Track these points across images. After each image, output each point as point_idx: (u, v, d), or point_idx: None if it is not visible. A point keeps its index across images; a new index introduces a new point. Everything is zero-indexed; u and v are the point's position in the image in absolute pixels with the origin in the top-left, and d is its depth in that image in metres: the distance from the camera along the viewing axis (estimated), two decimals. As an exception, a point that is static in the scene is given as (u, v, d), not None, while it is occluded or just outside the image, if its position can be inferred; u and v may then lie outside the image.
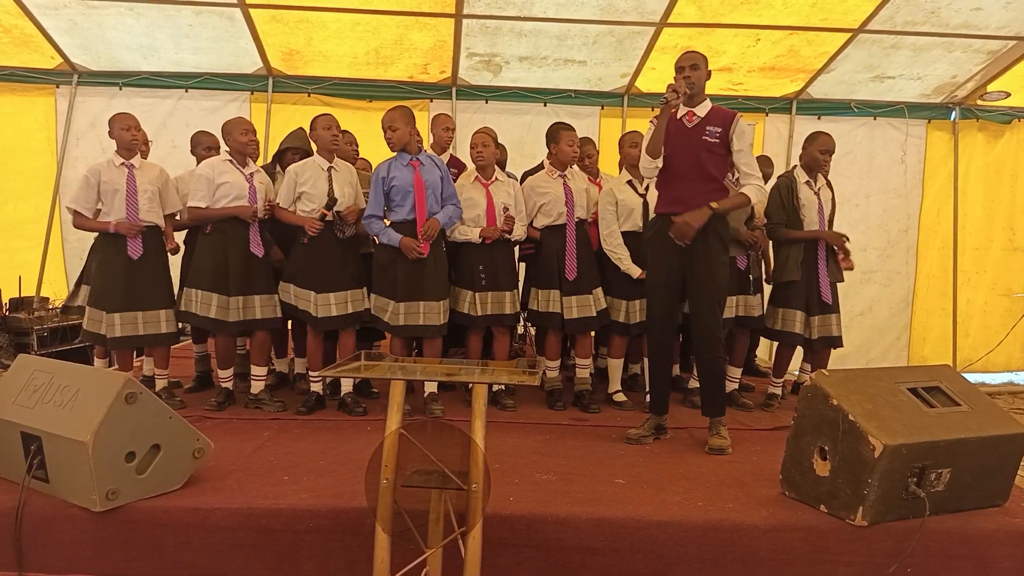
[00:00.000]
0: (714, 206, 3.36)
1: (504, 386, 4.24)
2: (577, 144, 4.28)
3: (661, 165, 3.48)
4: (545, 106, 7.24)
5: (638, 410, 4.15)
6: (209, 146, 4.49)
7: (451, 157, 4.77)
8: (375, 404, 4.14)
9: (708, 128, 3.42)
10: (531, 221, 4.30)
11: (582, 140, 4.44)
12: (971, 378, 3.12)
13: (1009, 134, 7.49)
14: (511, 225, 4.13)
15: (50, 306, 6.42)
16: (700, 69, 3.43)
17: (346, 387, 4.12)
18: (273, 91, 7.04)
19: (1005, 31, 6.29)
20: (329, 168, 4.02)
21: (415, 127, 4.06)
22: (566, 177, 4.25)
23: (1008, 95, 7.17)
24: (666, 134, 3.44)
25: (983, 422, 2.67)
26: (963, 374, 3.10)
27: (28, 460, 2.61)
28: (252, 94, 7.05)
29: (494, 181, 4.20)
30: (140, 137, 4.02)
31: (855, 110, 7.34)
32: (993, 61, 6.72)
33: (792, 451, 2.78)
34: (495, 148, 4.29)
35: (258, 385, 4.11)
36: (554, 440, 3.61)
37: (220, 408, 4.02)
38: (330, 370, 2.54)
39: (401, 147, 3.96)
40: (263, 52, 6.70)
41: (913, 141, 7.42)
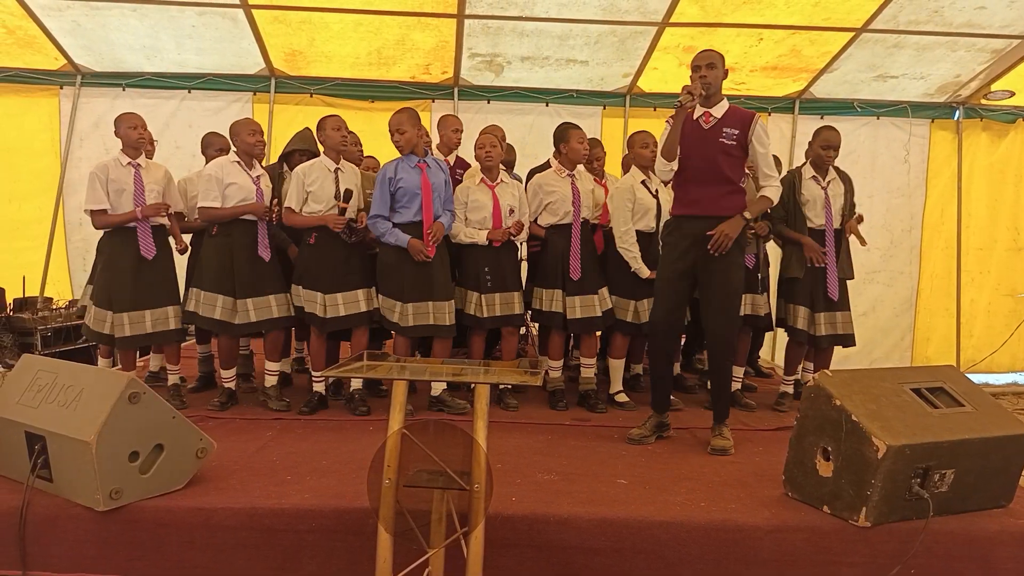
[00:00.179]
0: (747, 215, 3.37)
1: (510, 386, 4.23)
2: (587, 143, 4.27)
3: (676, 168, 3.43)
4: (547, 106, 7.23)
5: (640, 410, 4.14)
6: (220, 147, 4.51)
7: (456, 157, 4.76)
8: (379, 403, 4.13)
9: (725, 130, 3.37)
10: (536, 218, 4.29)
11: (590, 141, 4.42)
12: (975, 379, 3.11)
13: (1013, 133, 7.46)
14: (519, 229, 4.12)
15: (54, 306, 6.43)
16: (717, 68, 3.37)
17: (356, 383, 4.12)
18: (275, 92, 7.04)
19: (1009, 30, 6.26)
20: (336, 169, 4.02)
21: (422, 128, 4.06)
22: (574, 177, 4.24)
23: (1012, 94, 7.14)
24: (682, 135, 3.38)
25: (987, 423, 2.67)
26: (967, 374, 3.09)
27: (32, 460, 2.62)
28: (255, 95, 7.06)
29: (499, 183, 4.19)
30: (147, 136, 4.05)
31: (858, 110, 7.32)
32: (997, 60, 6.70)
33: (795, 452, 2.77)
34: (502, 148, 4.28)
35: (270, 379, 4.12)
36: (556, 440, 3.61)
37: (223, 408, 4.03)
38: (332, 370, 2.54)
39: (410, 150, 3.95)
40: (266, 53, 6.71)
41: (916, 141, 7.40)
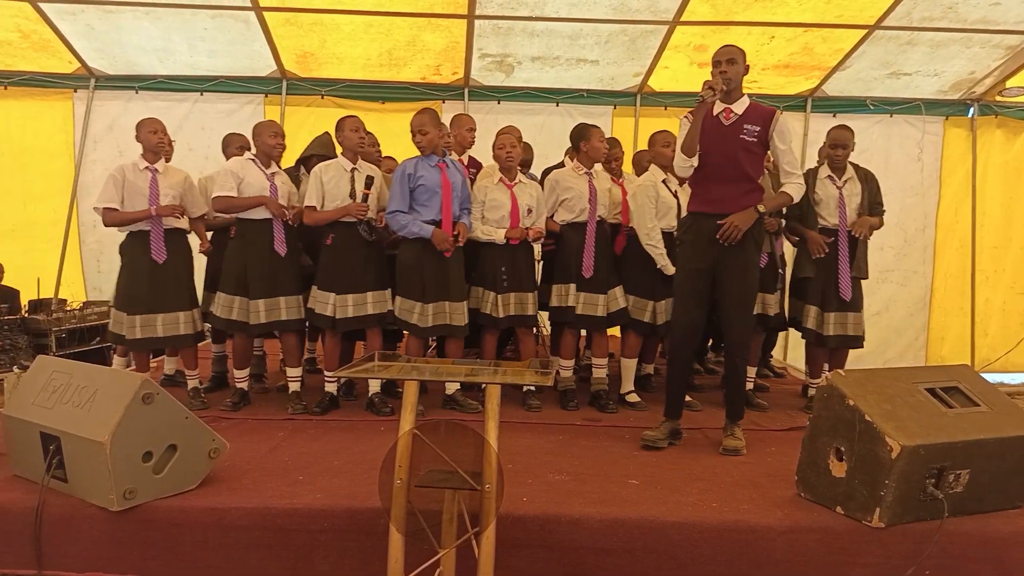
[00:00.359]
0: (761, 209, 3.31)
1: (533, 387, 4.23)
2: (606, 142, 4.27)
3: (696, 165, 3.39)
4: (557, 106, 7.23)
5: (651, 410, 4.13)
6: (241, 146, 4.58)
7: (469, 158, 4.77)
8: (398, 404, 4.13)
9: (746, 126, 3.32)
10: (552, 214, 4.29)
11: (609, 141, 4.41)
12: (990, 378, 3.07)
13: (1029, 131, 7.40)
14: (537, 236, 4.12)
15: (68, 308, 6.50)
16: (737, 64, 3.32)
17: (374, 387, 4.13)
18: (287, 93, 7.09)
19: (1024, 26, 6.22)
20: (352, 170, 4.03)
21: (444, 129, 4.08)
22: (591, 175, 4.23)
23: (1028, 91, 7.09)
24: (702, 131, 3.34)
25: (1002, 423, 2.64)
26: (982, 374, 3.06)
27: (47, 460, 2.64)
28: (266, 96, 7.11)
29: (518, 182, 4.20)
30: (166, 140, 4.09)
31: (871, 107, 7.27)
32: (1012, 56, 6.63)
33: (808, 452, 2.75)
34: (521, 149, 4.29)
35: (294, 385, 4.15)
36: (568, 440, 3.61)
37: (235, 408, 4.05)
38: (344, 370, 2.55)
39: (431, 151, 3.97)
40: (277, 55, 6.74)
41: (930, 139, 7.33)
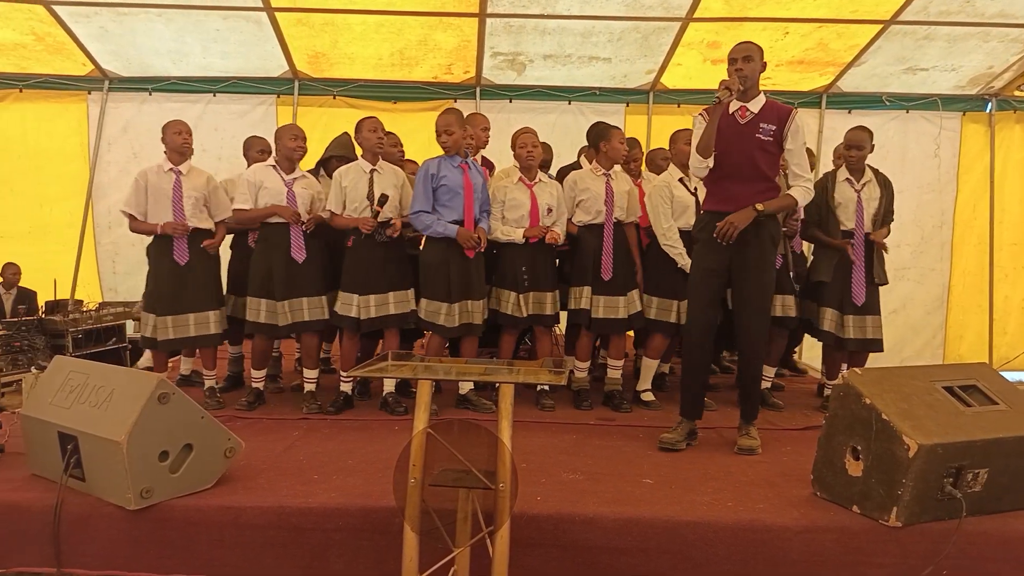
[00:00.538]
0: (759, 208, 3.25)
1: (547, 386, 4.23)
2: (627, 143, 4.26)
3: (712, 165, 3.35)
4: (569, 104, 7.21)
5: (665, 410, 4.11)
6: (262, 149, 4.60)
7: (482, 157, 4.76)
8: (413, 403, 4.14)
9: (762, 125, 3.28)
10: (570, 216, 4.27)
11: (629, 142, 4.39)
12: (1009, 376, 3.04)
13: (1048, 126, 7.30)
14: (554, 239, 4.10)
15: (84, 308, 6.56)
16: (754, 61, 3.27)
17: (388, 387, 4.15)
18: (299, 94, 7.11)
19: (1043, 20, 6.13)
20: (372, 171, 4.04)
21: (468, 130, 4.08)
22: (610, 176, 4.21)
23: (1047, 85, 7.00)
24: (717, 130, 3.30)
25: (1022, 421, 2.61)
26: (1001, 372, 3.02)
27: (65, 459, 2.67)
28: (279, 97, 7.14)
29: (538, 182, 4.19)
30: (190, 141, 4.13)
31: (887, 103, 7.20)
32: (1030, 51, 6.56)
33: (824, 451, 2.73)
34: (541, 149, 4.28)
35: (309, 386, 4.17)
36: (581, 440, 3.60)
37: (250, 408, 4.08)
38: (357, 370, 2.55)
39: (456, 151, 3.97)
40: (289, 55, 6.77)
41: (947, 135, 7.25)
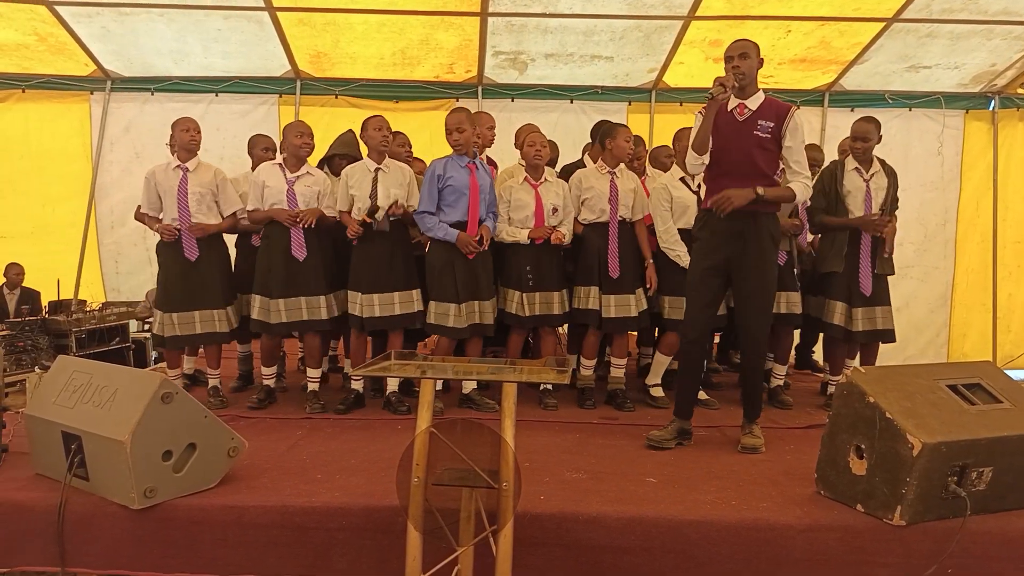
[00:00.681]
0: (760, 191, 3.22)
1: (550, 386, 4.23)
2: (633, 140, 4.25)
3: (707, 162, 3.35)
4: (571, 103, 7.21)
5: (671, 408, 4.10)
6: (266, 147, 4.60)
7: (486, 156, 4.75)
8: (416, 402, 4.13)
9: (760, 122, 3.26)
10: (576, 214, 4.26)
11: (633, 139, 4.37)
12: (1013, 375, 3.03)
13: (1051, 123, 7.29)
14: (559, 240, 4.10)
15: (87, 308, 6.56)
16: (750, 58, 3.26)
17: (391, 386, 4.14)
18: (301, 93, 7.12)
19: (1047, 17, 6.12)
20: (376, 170, 4.03)
21: (477, 129, 4.08)
22: (615, 174, 4.20)
23: (1050, 83, 6.98)
24: (715, 127, 3.29)
25: (1026, 420, 2.60)
26: (1004, 371, 3.02)
27: (69, 459, 2.67)
28: (280, 97, 7.15)
29: (543, 182, 4.19)
30: (198, 139, 4.14)
31: (889, 101, 7.19)
32: (1034, 48, 6.55)
33: (827, 449, 2.73)
34: (548, 147, 4.28)
35: (312, 385, 4.17)
36: (585, 439, 3.60)
37: (260, 405, 4.08)
38: (361, 369, 2.56)
39: (466, 150, 3.97)
40: (291, 55, 6.77)
41: (950, 132, 7.25)
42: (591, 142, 4.64)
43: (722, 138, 3.31)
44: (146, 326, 6.83)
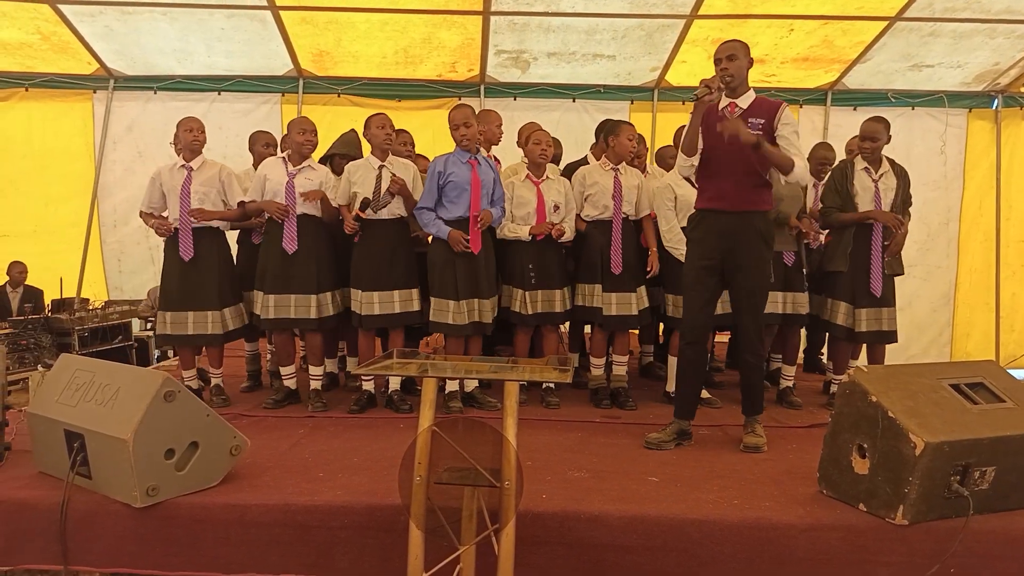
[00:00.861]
0: (761, 141, 3.15)
1: (552, 384, 4.23)
2: (636, 139, 4.25)
3: (697, 163, 3.38)
4: (574, 102, 7.21)
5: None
6: (267, 143, 4.61)
7: (493, 156, 4.74)
8: (418, 401, 4.13)
9: (751, 120, 3.27)
10: (579, 211, 4.26)
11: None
12: (1016, 374, 3.03)
13: (1054, 122, 7.27)
14: (560, 234, 4.10)
15: (90, 307, 6.58)
16: (738, 59, 3.29)
17: (394, 385, 4.14)
18: (303, 92, 7.12)
19: (1050, 16, 6.10)
20: (380, 167, 4.03)
21: (480, 125, 4.09)
22: (618, 171, 4.20)
23: (1053, 82, 6.97)
24: (706, 127, 3.32)
25: (1029, 419, 2.60)
26: (1008, 370, 3.01)
27: (72, 457, 2.67)
28: (283, 96, 7.15)
29: (545, 179, 4.19)
30: (202, 139, 4.14)
31: (892, 100, 7.18)
32: (1037, 47, 6.53)
33: (830, 449, 2.73)
34: (552, 146, 4.28)
35: (314, 383, 4.16)
36: (587, 438, 3.60)
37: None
38: (363, 368, 2.56)
39: (472, 144, 3.96)
40: (293, 54, 6.78)
41: (953, 131, 7.23)
42: (596, 142, 4.64)
43: (713, 137, 3.32)
44: (149, 324, 6.85)
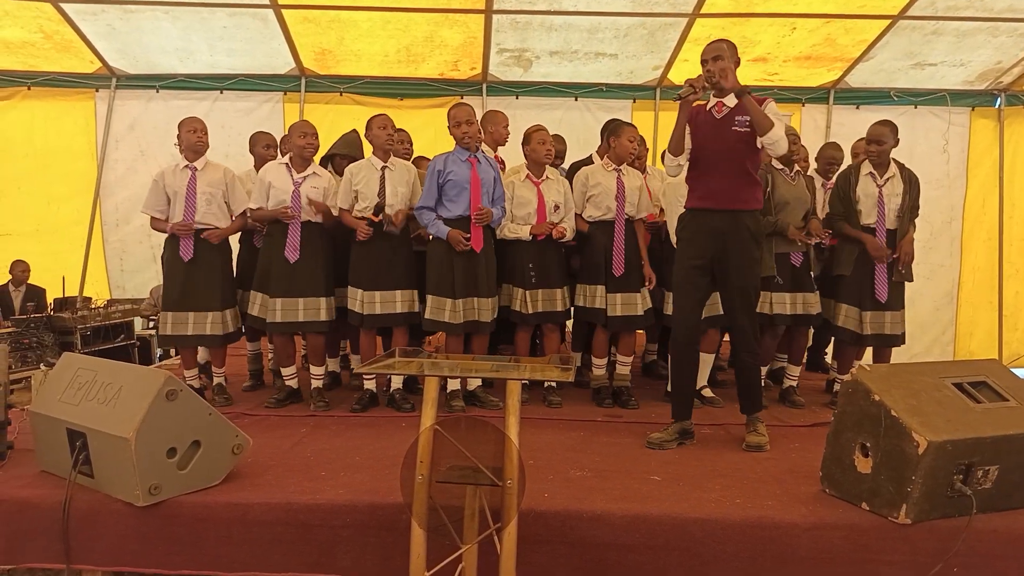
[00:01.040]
0: (746, 94, 3.21)
1: (554, 383, 4.23)
2: (637, 141, 4.25)
3: (685, 163, 3.41)
4: (576, 100, 7.20)
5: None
6: (268, 144, 4.60)
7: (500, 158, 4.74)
8: (420, 400, 4.13)
9: (737, 118, 3.31)
10: (581, 211, 4.26)
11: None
12: (1019, 373, 3.01)
13: (1057, 121, 7.25)
14: (560, 235, 4.10)
15: (92, 306, 6.59)
16: (723, 59, 3.28)
17: (396, 384, 4.15)
18: (306, 91, 7.12)
19: (1053, 14, 6.09)
20: (383, 168, 4.03)
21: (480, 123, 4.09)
22: (620, 172, 4.20)
23: (1056, 80, 6.95)
24: (695, 126, 3.36)
25: (1033, 418, 2.59)
26: (1011, 369, 3.00)
27: (74, 456, 2.67)
28: (285, 94, 7.15)
29: (545, 179, 4.19)
30: (205, 140, 4.14)
31: (895, 99, 7.16)
32: (1040, 45, 6.51)
33: (832, 448, 2.72)
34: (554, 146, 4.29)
35: (316, 383, 4.16)
36: (589, 437, 3.59)
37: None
38: (365, 367, 2.56)
39: (472, 142, 3.96)
40: (296, 52, 6.78)
41: (956, 130, 7.22)
42: (601, 142, 4.64)
43: (702, 136, 3.36)
44: (151, 323, 6.86)
